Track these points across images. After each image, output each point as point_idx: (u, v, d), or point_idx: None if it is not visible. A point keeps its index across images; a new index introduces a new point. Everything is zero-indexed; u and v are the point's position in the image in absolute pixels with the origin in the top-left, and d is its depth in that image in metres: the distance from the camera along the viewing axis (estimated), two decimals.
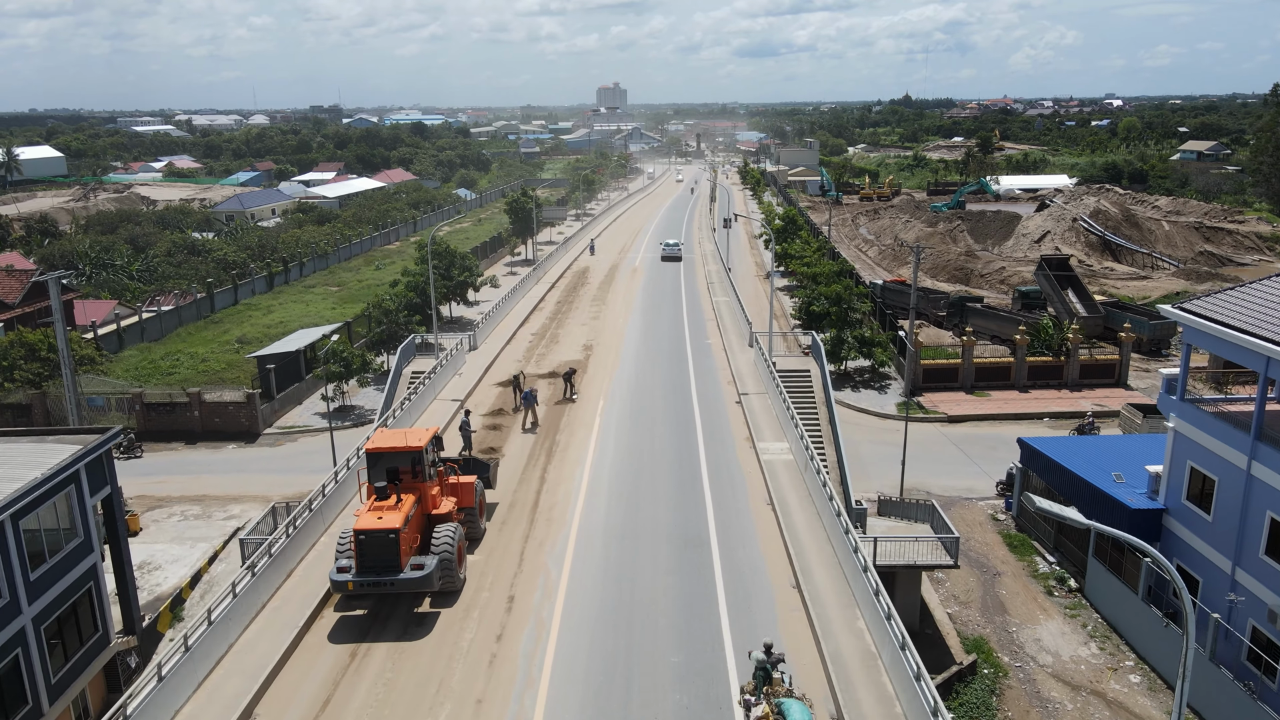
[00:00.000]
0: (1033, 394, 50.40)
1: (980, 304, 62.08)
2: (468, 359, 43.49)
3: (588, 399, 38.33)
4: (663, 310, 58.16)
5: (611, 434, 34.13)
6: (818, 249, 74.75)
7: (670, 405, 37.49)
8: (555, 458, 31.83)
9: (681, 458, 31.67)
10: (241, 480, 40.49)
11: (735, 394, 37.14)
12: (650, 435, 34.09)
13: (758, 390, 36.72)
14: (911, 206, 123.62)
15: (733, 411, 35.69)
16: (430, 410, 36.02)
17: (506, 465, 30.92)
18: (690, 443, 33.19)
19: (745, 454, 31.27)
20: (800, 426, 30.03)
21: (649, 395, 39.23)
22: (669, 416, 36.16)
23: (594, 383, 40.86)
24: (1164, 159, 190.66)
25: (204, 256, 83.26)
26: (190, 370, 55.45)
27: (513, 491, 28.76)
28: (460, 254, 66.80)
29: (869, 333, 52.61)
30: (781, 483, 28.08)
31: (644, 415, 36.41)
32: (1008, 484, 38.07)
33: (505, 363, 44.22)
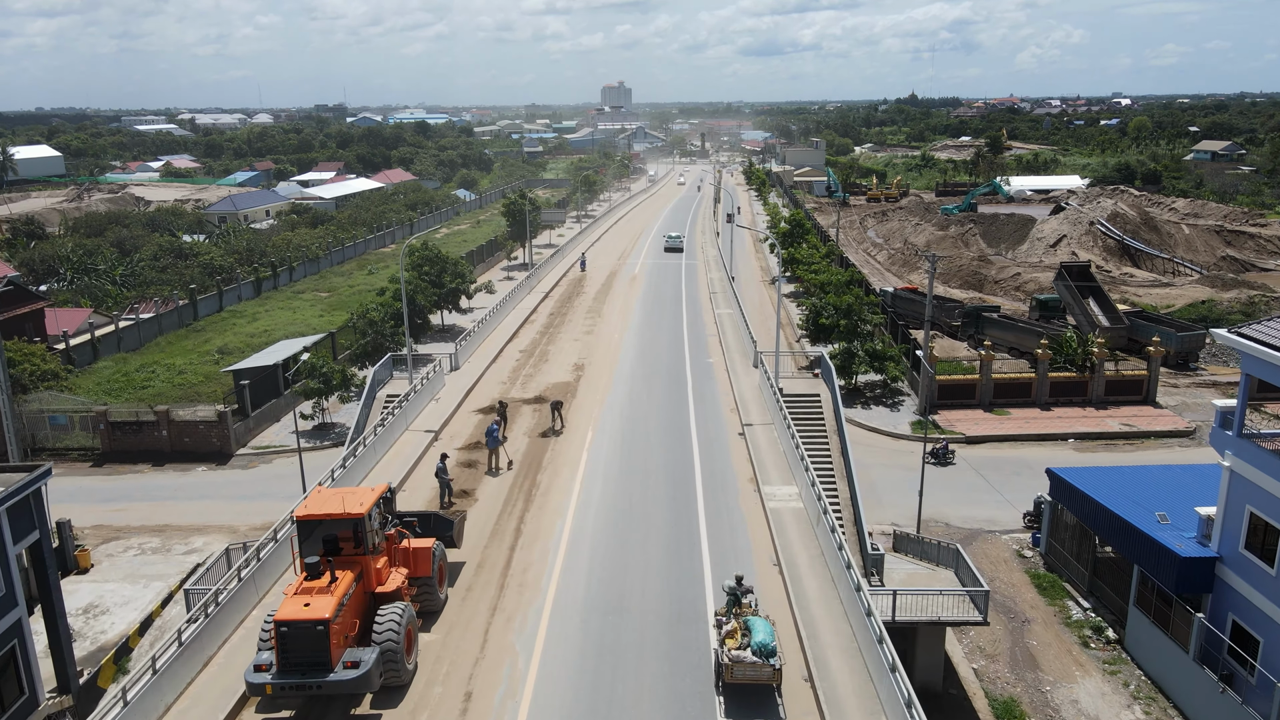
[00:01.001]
0: (1055, 412, 47.38)
1: (997, 313, 59.02)
2: (448, 380, 40.05)
3: (575, 430, 34.81)
4: (662, 324, 54.75)
5: (599, 474, 30.47)
6: (826, 254, 71.81)
7: (666, 438, 33.90)
8: (534, 504, 28.30)
9: (677, 506, 27.93)
10: (207, 508, 37.69)
11: (739, 424, 33.68)
12: (643, 475, 30.37)
13: (763, 420, 33.46)
14: (921, 208, 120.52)
15: (735, 446, 32.16)
16: (400, 443, 32.35)
17: (479, 511, 27.50)
18: (687, 486, 29.44)
19: (749, 501, 27.64)
20: (811, 471, 26.58)
21: (643, 425, 35.60)
22: (665, 452, 32.47)
23: (583, 409, 37.31)
24: (1176, 159, 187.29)
25: (189, 261, 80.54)
26: (165, 384, 52.67)
27: (483, 548, 25.25)
28: (452, 260, 63.99)
29: (880, 345, 49.64)
30: (790, 538, 24.64)
31: (637, 450, 32.74)
32: (1035, 515, 35.12)
33: (489, 385, 40.69)
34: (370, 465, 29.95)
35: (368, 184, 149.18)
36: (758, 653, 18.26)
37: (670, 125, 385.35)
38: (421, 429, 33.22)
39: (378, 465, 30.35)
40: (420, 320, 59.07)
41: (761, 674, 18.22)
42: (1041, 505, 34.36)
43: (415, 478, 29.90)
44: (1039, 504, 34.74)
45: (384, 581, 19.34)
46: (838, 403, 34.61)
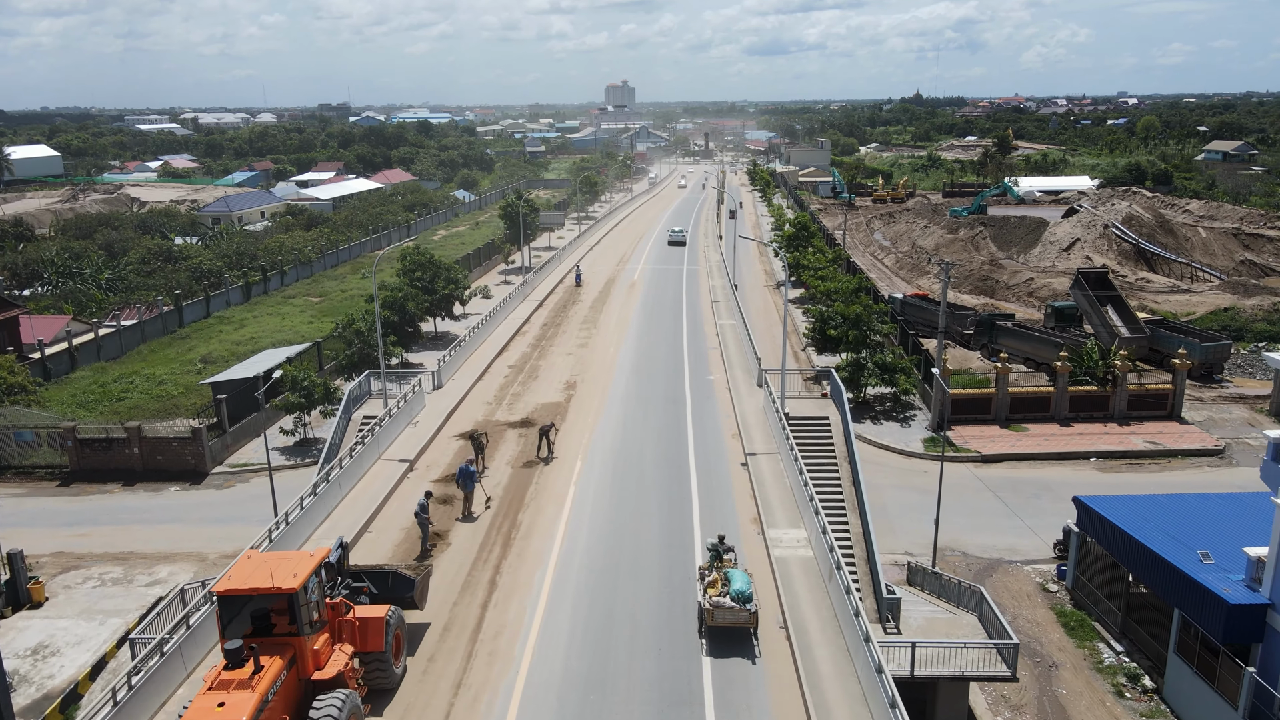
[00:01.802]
0: (1075, 428, 44.98)
1: (1011, 322, 56.59)
2: (429, 400, 37.34)
3: (564, 459, 32.03)
4: (660, 335, 51.97)
5: (587, 514, 27.54)
6: (833, 259, 69.43)
7: (662, 470, 31.10)
8: (513, 549, 25.40)
9: (672, 553, 25.00)
10: (177, 533, 35.46)
11: (741, 452, 30.94)
12: (635, 515, 27.51)
13: (767, 449, 30.89)
14: (929, 210, 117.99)
15: (737, 479, 29.49)
16: (371, 475, 29.51)
17: (451, 557, 24.64)
18: (684, 527, 26.54)
19: (752, 546, 24.91)
20: (821, 516, 23.82)
21: (637, 454, 32.78)
22: (660, 487, 29.64)
23: (573, 434, 34.54)
24: (1186, 159, 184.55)
25: (178, 264, 78.38)
26: (143, 395, 50.48)
27: (451, 604, 22.31)
28: (445, 265, 61.69)
29: (891, 357, 47.28)
30: (798, 595, 21.92)
31: (629, 484, 29.94)
32: (1066, 546, 32.75)
33: (473, 405, 37.80)
34: (335, 501, 27.25)
35: (366, 184, 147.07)
36: (736, 599, 20.60)
37: (674, 125, 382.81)
38: (395, 458, 30.68)
39: (343, 501, 27.63)
40: (411, 328, 56.84)
41: (739, 617, 20.63)
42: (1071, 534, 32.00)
43: (384, 515, 27.11)
44: (1069, 534, 32.40)
45: (323, 665, 16.52)
46: (848, 426, 32.13)
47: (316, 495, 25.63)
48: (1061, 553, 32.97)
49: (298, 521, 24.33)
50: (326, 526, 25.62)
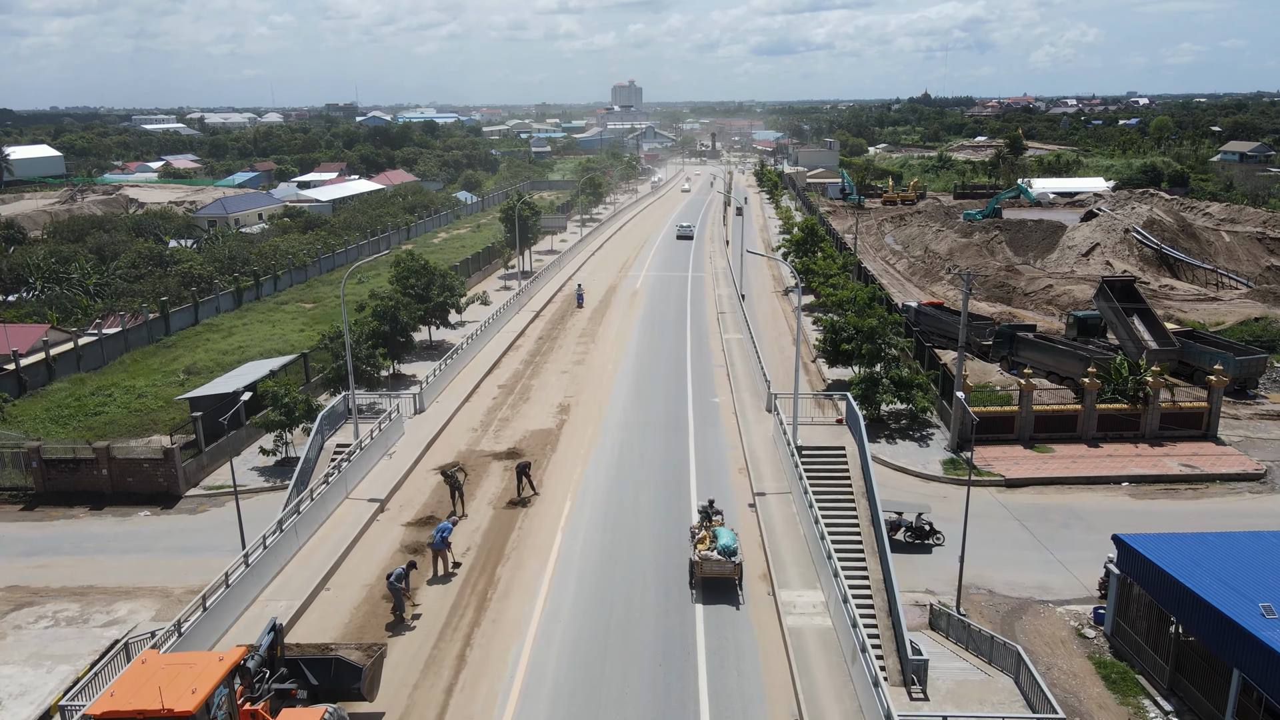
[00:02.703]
0: (1105, 449, 42.28)
1: (1033, 333, 53.88)
2: (408, 427, 34.68)
3: (551, 497, 29.14)
4: (662, 351, 49.07)
5: (574, 569, 24.60)
6: (843, 265, 66.75)
7: (660, 512, 28.25)
8: (488, 614, 22.44)
9: (669, 620, 22.19)
10: (142, 564, 33.04)
11: (749, 490, 28.28)
12: (628, 573, 24.60)
13: (778, 488, 28.17)
14: (941, 213, 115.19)
15: (745, 525, 26.70)
16: (336, 519, 26.51)
17: (416, 630, 21.80)
18: (684, 589, 23.70)
19: (761, 612, 22.05)
20: (841, 579, 21.01)
21: (633, 493, 29.97)
22: (657, 535, 26.79)
23: (563, 468, 31.63)
24: (1202, 160, 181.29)
25: (168, 269, 76.12)
26: (121, 409, 48.12)
27: (411, 687, 19.39)
28: (440, 271, 59.17)
29: (907, 372, 44.61)
30: (816, 680, 18.98)
31: (623, 531, 27.04)
32: None
33: (456, 432, 34.95)
34: (290, 553, 24.51)
35: (367, 185, 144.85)
36: (722, 553, 23.32)
37: (680, 125, 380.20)
38: (365, 496, 28.12)
39: (300, 551, 24.88)
40: (403, 338, 54.23)
41: (725, 569, 23.39)
42: (1106, 567, 29.37)
43: (346, 569, 24.11)
44: (1110, 569, 29.77)
45: None
46: (866, 458, 29.45)
47: (266, 548, 22.90)
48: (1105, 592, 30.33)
49: (244, 580, 21.62)
50: (276, 585, 22.79)
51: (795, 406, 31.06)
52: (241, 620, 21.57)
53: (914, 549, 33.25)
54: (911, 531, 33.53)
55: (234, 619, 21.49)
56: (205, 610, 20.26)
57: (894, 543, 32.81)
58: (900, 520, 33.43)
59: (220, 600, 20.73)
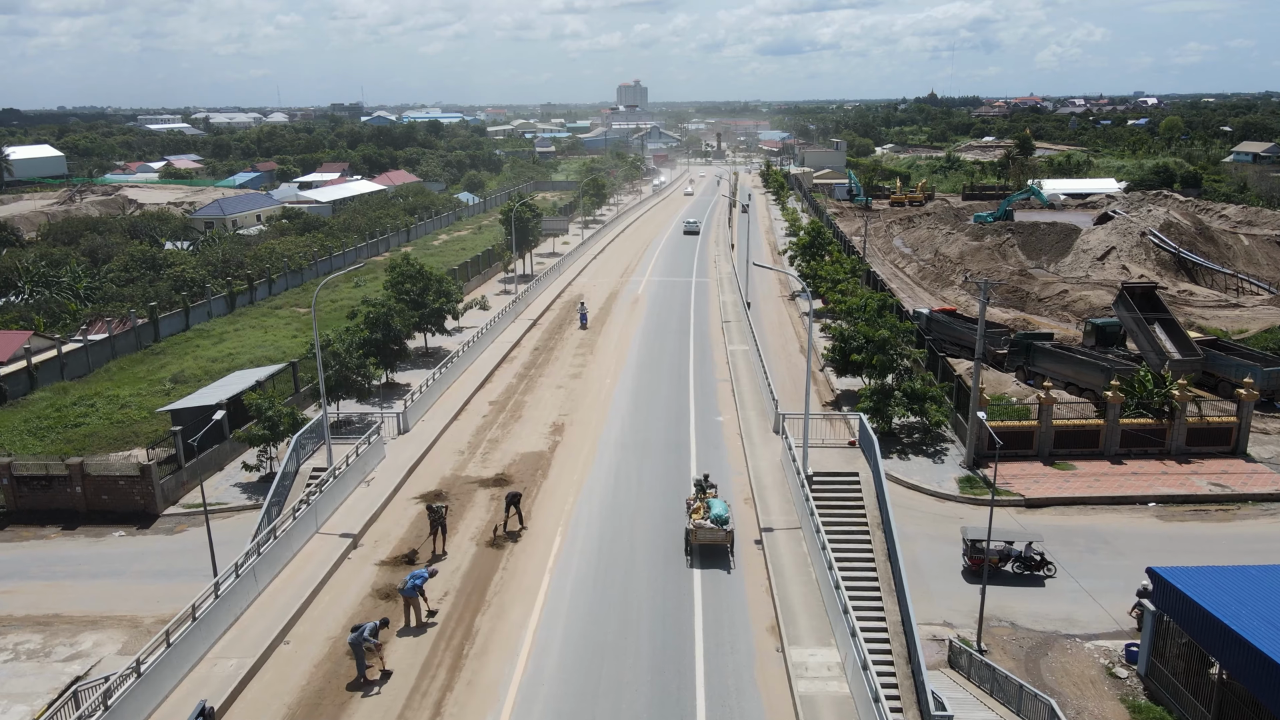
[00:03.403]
0: (1129, 466, 40.26)
1: (1050, 342, 51.85)
2: (390, 450, 32.43)
3: (540, 531, 27.00)
4: (663, 364, 46.78)
5: (561, 618, 22.40)
6: (851, 270, 64.73)
7: (658, 549, 26.14)
8: (462, 676, 20.11)
9: (665, 682, 19.94)
10: (113, 590, 31.27)
11: (755, 525, 26.05)
12: (621, 623, 22.35)
13: (787, 522, 25.99)
14: (951, 215, 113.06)
15: (750, 565, 24.56)
16: (303, 557, 24.17)
17: (380, 695, 19.51)
18: (684, 643, 21.31)
19: (769, 672, 19.77)
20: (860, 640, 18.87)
21: (629, 525, 27.82)
22: (654, 577, 24.63)
23: (554, 496, 29.48)
24: (1214, 161, 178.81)
25: (162, 272, 74.43)
26: (102, 421, 46.39)
27: None
28: (436, 276, 57.34)
29: (920, 384, 42.62)
30: None
31: (617, 570, 24.89)
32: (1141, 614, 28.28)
33: (442, 455, 32.50)
34: (249, 598, 22.22)
35: (369, 186, 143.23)
36: (715, 522, 25.56)
37: (686, 125, 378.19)
38: (337, 531, 26.09)
39: (261, 596, 22.59)
40: (396, 346, 52.38)
41: (717, 536, 25.66)
42: (1144, 604, 27.47)
43: (310, 617, 21.64)
44: (1142, 600, 27.93)
45: None
46: (881, 485, 27.39)
47: (218, 597, 20.72)
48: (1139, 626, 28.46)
49: (190, 636, 19.48)
50: (229, 639, 20.44)
51: (805, 433, 28.95)
52: (185, 684, 19.19)
53: (1024, 581, 31.27)
54: (1020, 562, 31.53)
55: (175, 684, 19.01)
56: (139, 677, 18.14)
57: (1001, 574, 30.94)
58: (1009, 550, 31.47)
59: (159, 663, 18.52)
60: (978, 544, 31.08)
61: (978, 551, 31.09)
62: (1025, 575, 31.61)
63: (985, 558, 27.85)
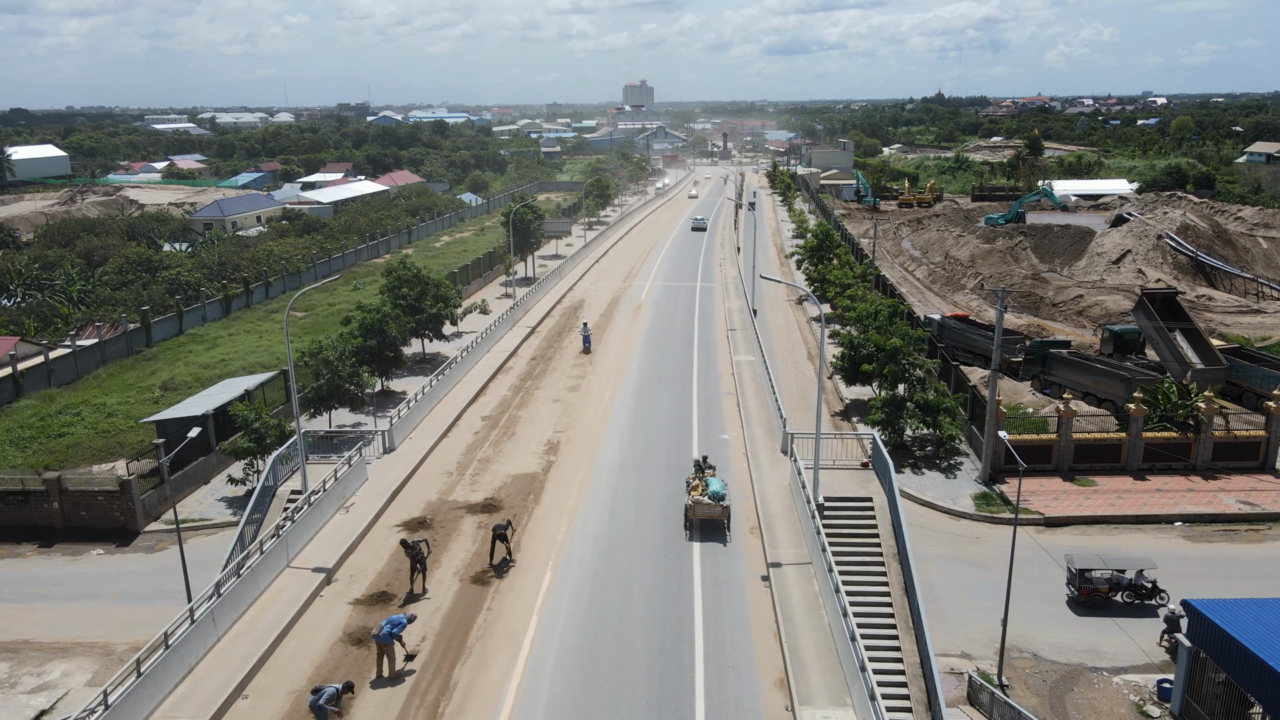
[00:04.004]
0: (1153, 483, 38.52)
1: (1068, 350, 50.10)
2: (374, 471, 30.46)
3: (529, 565, 25.00)
4: (666, 376, 44.85)
5: (549, 670, 20.48)
6: (861, 274, 63.04)
7: (657, 588, 24.14)
8: None
9: None
10: (87, 613, 29.79)
11: (761, 558, 24.10)
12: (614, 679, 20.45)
13: (796, 556, 24.02)
14: (960, 216, 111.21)
15: (756, 607, 22.49)
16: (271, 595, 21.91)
17: None
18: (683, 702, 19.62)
19: None
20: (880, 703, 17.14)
21: (626, 561, 25.90)
22: (652, 621, 22.65)
23: (545, 525, 27.61)
24: (1226, 161, 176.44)
25: (157, 275, 73.10)
26: (88, 431, 44.96)
27: None
28: (434, 281, 55.85)
29: (933, 395, 40.93)
30: None
31: (611, 615, 22.86)
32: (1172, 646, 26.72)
33: (428, 477, 30.46)
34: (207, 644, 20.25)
35: (371, 187, 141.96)
36: (712, 498, 27.48)
37: (692, 125, 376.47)
38: (310, 564, 24.38)
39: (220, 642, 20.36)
40: (392, 353, 50.91)
41: (714, 511, 27.53)
42: (1174, 637, 25.80)
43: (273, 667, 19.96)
44: (1172, 631, 26.30)
45: None
46: (898, 513, 25.63)
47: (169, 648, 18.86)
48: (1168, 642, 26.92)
49: (134, 692, 17.70)
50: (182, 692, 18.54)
51: (816, 460, 27.11)
52: None
53: (1135, 612, 29.45)
54: (1131, 591, 29.70)
55: None
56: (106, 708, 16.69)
57: (1110, 604, 29.26)
58: (1119, 579, 29.61)
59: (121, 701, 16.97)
60: (1087, 573, 29.20)
61: (1086, 581, 29.17)
62: (1136, 605, 29.61)
63: (1094, 588, 26.10)
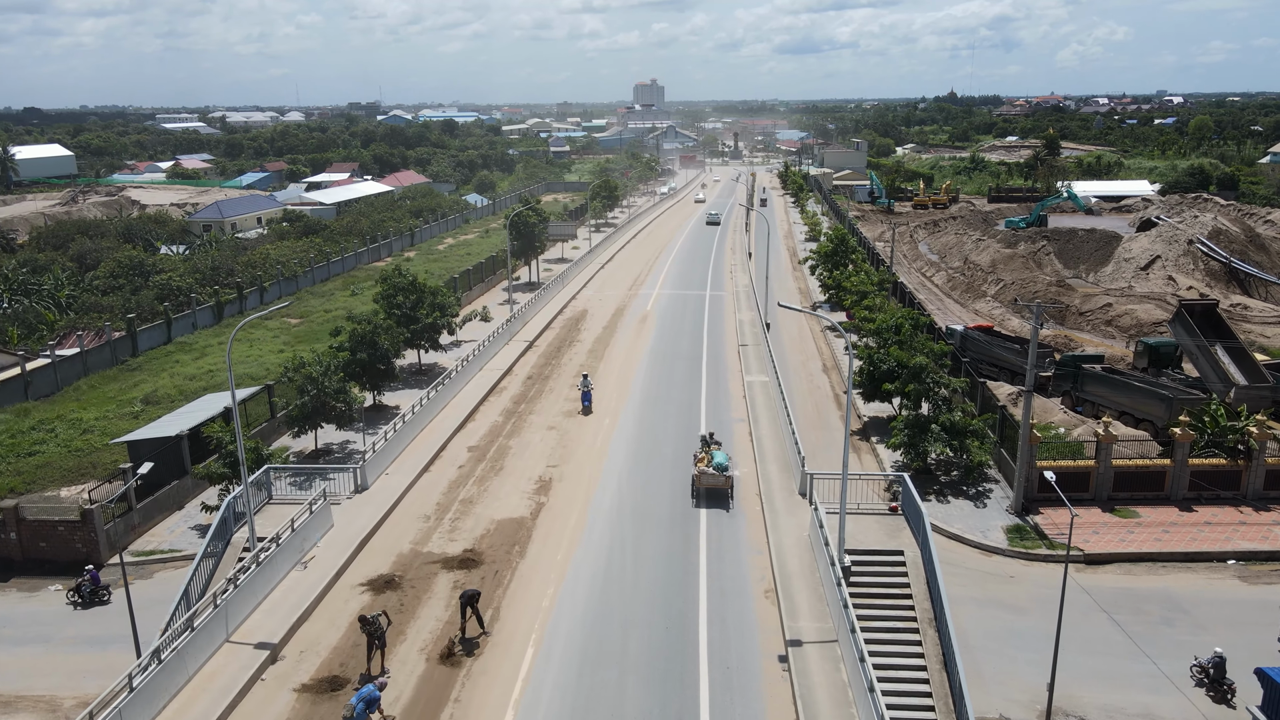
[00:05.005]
0: (1200, 514, 35.50)
1: (1102, 365, 47.10)
2: (341, 515, 26.94)
3: (509, 640, 21.48)
4: (672, 397, 41.48)
5: None
6: (878, 282, 60.05)
7: (656, 674, 20.71)
8: None
9: None
10: (36, 660, 27.22)
11: (778, 633, 20.77)
12: None
13: (819, 631, 19.97)
14: (979, 219, 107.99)
15: (774, 697, 19.19)
16: (204, 678, 18.83)
17: None
18: None
19: None
20: None
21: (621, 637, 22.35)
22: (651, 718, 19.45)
23: (530, 586, 24.10)
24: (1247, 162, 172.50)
25: (150, 279, 70.78)
26: (60, 449, 42.48)
27: None
28: (430, 289, 53.21)
29: (960, 416, 37.99)
30: None
31: (601, 711, 19.62)
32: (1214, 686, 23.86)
33: (402, 523, 27.19)
34: None
35: (376, 187, 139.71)
36: (716, 469, 31.02)
37: (703, 124, 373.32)
38: (253, 639, 21.25)
39: None
40: (384, 366, 48.21)
41: (718, 481, 31.05)
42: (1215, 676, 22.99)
43: None
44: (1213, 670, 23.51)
45: None
46: (933, 568, 22.50)
47: None
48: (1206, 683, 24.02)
49: None
50: None
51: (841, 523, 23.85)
52: None
53: None
54: None
55: None
56: None
57: None
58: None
59: None
60: None
61: None
62: None
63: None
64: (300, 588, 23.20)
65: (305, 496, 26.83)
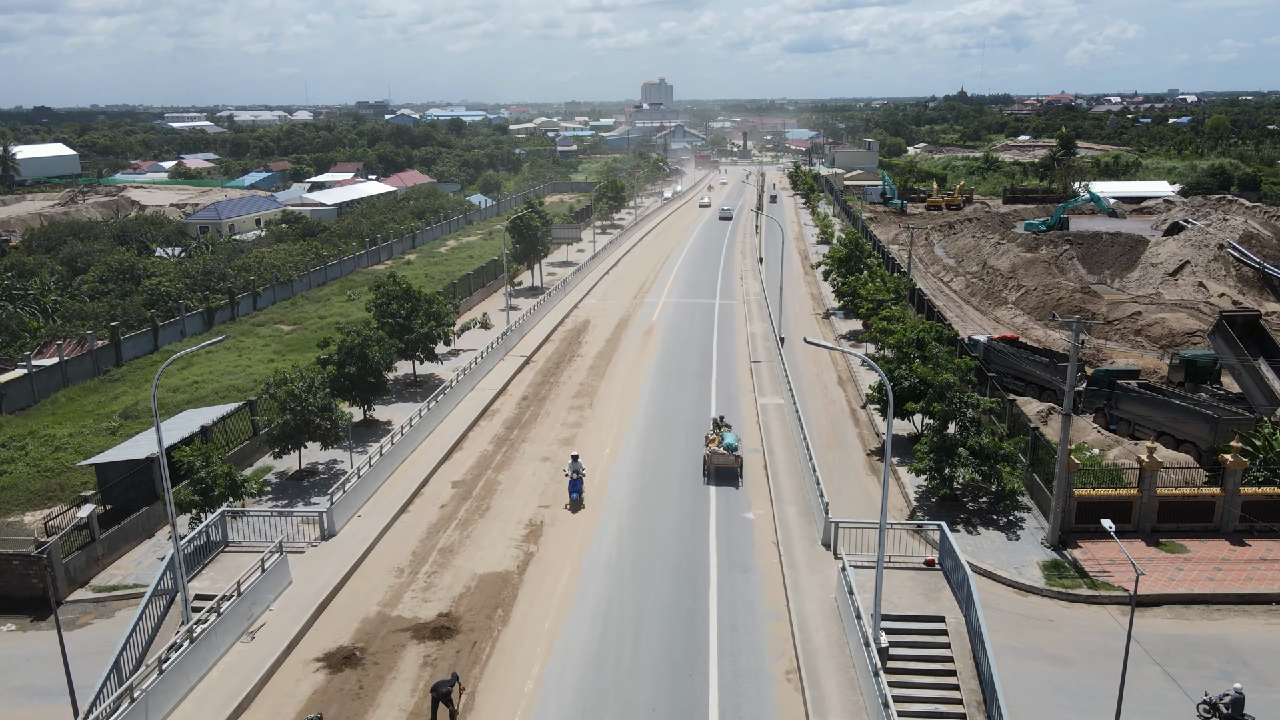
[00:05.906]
0: (1254, 548, 32.62)
1: (1138, 381, 44.20)
2: (303, 568, 23.37)
3: None
4: (678, 422, 38.38)
5: None
6: (895, 290, 57.20)
7: None
8: None
9: None
10: None
11: None
12: None
13: None
14: (996, 221, 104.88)
15: None
16: None
17: None
18: None
19: None
20: None
21: None
22: None
23: (512, 664, 20.82)
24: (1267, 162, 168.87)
25: (138, 285, 68.38)
26: (29, 468, 40.00)
27: None
28: (427, 297, 50.63)
29: (989, 438, 35.16)
30: None
31: None
32: None
33: (370, 578, 23.84)
34: None
35: (379, 187, 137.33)
36: (726, 449, 33.92)
37: (711, 123, 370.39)
38: None
39: None
40: (375, 379, 45.61)
41: (728, 460, 33.90)
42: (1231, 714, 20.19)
43: None
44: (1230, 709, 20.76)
45: None
46: (984, 643, 19.22)
47: None
48: None
49: None
50: None
51: (877, 598, 20.03)
52: None
53: None
54: None
55: None
56: None
57: None
58: None
59: None
60: None
61: None
62: None
63: None
64: (243, 666, 20.19)
65: (265, 545, 23.90)
